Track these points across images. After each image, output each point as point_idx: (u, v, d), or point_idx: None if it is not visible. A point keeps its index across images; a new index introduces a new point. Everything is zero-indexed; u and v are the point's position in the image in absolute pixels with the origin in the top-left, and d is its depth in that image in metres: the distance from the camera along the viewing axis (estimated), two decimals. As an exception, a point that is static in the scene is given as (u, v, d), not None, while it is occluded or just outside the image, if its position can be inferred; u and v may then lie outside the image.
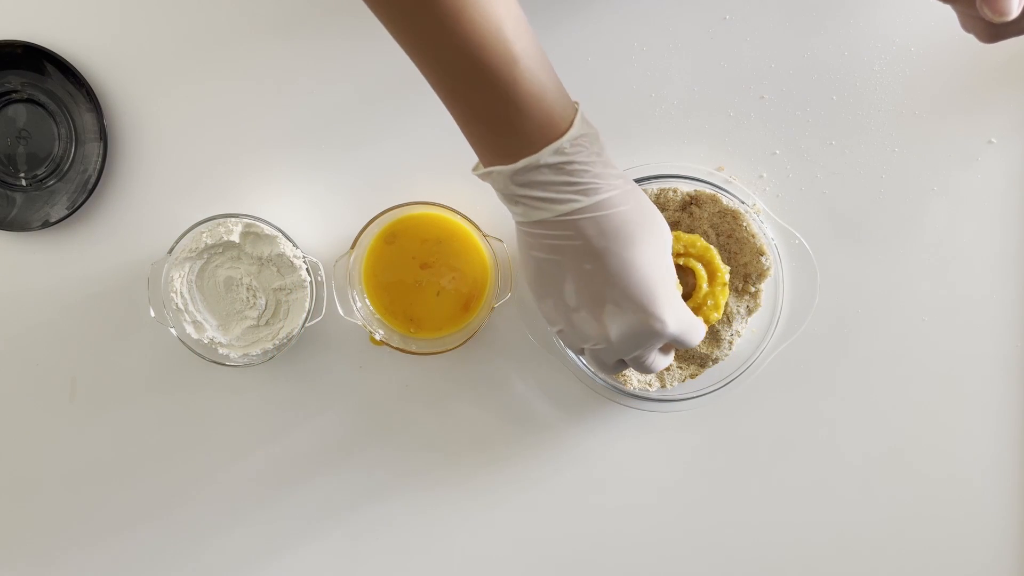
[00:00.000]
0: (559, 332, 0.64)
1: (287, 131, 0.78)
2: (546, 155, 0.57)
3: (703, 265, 0.74)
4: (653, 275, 0.60)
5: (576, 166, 0.58)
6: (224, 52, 0.78)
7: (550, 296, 0.63)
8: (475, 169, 0.62)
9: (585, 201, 0.59)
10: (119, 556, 0.81)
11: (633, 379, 0.76)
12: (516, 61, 0.56)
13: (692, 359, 0.77)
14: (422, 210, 0.75)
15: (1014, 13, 0.55)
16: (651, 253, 0.60)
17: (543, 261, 0.61)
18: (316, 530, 0.81)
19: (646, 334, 0.61)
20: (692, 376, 0.77)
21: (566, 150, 0.58)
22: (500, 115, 0.57)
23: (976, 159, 0.78)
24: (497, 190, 0.61)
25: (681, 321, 0.62)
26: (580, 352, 0.66)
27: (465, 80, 0.57)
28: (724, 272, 0.74)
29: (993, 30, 0.60)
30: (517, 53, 0.56)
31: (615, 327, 0.61)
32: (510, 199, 0.60)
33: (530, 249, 0.62)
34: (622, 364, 0.65)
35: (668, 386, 0.77)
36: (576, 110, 0.59)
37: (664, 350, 0.65)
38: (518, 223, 0.62)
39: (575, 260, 0.60)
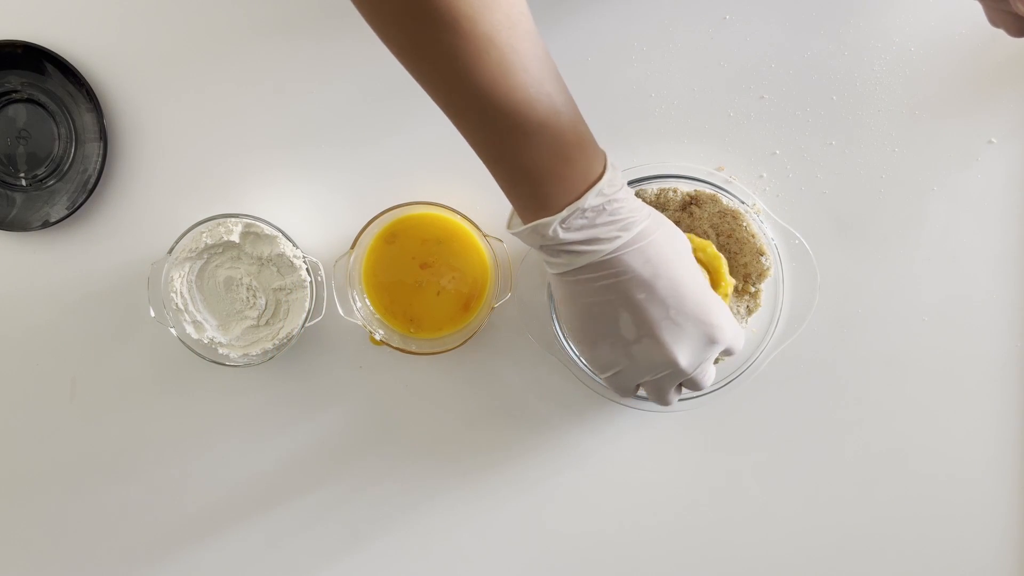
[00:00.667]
0: (615, 375, 0.65)
1: (287, 131, 0.78)
2: (590, 199, 0.58)
3: (709, 272, 0.73)
4: (698, 287, 0.62)
5: (615, 204, 0.59)
6: (224, 52, 0.78)
7: (604, 338, 0.63)
8: (511, 227, 0.62)
9: (627, 236, 0.60)
10: (119, 555, 0.81)
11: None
12: (559, 113, 0.57)
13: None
14: (422, 210, 0.75)
15: None
16: (689, 267, 0.62)
17: (593, 305, 0.62)
18: (316, 529, 0.81)
19: (710, 345, 0.63)
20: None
21: (605, 191, 0.59)
22: (547, 168, 0.58)
23: (976, 159, 0.78)
24: (536, 244, 0.61)
25: (732, 323, 0.64)
26: (633, 392, 0.67)
27: (512, 136, 0.57)
28: (728, 284, 0.73)
29: (1022, 24, 0.60)
30: (559, 106, 0.57)
31: (680, 347, 0.62)
32: (553, 251, 0.60)
33: (577, 297, 0.62)
34: (679, 389, 0.67)
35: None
36: (605, 153, 0.60)
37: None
38: (560, 275, 0.62)
39: (627, 293, 0.61)
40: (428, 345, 0.77)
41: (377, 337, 0.76)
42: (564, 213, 0.58)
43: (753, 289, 0.76)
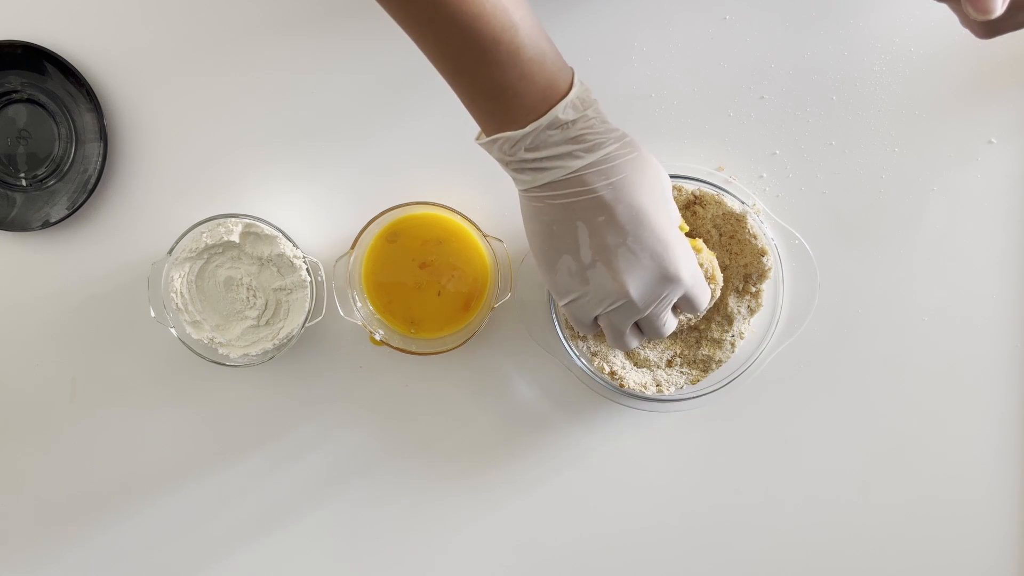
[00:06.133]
0: (573, 302, 0.65)
1: (287, 131, 0.78)
2: (552, 117, 0.59)
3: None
4: (661, 220, 0.62)
5: (580, 125, 0.60)
6: (224, 52, 0.78)
7: (563, 260, 0.63)
8: (478, 138, 0.63)
9: (591, 157, 0.60)
10: (118, 555, 0.81)
11: (630, 380, 0.76)
12: (516, 28, 0.57)
13: (695, 363, 0.77)
14: (422, 210, 0.75)
15: (998, 11, 0.56)
16: (656, 198, 0.62)
17: (554, 223, 0.62)
18: (314, 528, 0.80)
19: (664, 281, 0.62)
20: (694, 382, 0.77)
21: (569, 111, 0.59)
22: (505, 83, 0.58)
23: (976, 159, 0.78)
24: (500, 159, 0.61)
25: (692, 268, 0.64)
26: (592, 327, 0.67)
27: (468, 52, 0.57)
28: (716, 285, 0.73)
29: (987, 26, 0.61)
30: (517, 20, 0.57)
31: (632, 277, 0.62)
32: (516, 167, 0.61)
33: (540, 214, 0.62)
34: (637, 331, 0.66)
35: (666, 391, 0.76)
36: (573, 72, 0.61)
37: (673, 310, 0.66)
38: (524, 192, 0.62)
39: (586, 214, 0.61)
40: (428, 345, 0.77)
41: (377, 337, 0.76)
42: (528, 129, 0.59)
43: (754, 289, 0.76)
